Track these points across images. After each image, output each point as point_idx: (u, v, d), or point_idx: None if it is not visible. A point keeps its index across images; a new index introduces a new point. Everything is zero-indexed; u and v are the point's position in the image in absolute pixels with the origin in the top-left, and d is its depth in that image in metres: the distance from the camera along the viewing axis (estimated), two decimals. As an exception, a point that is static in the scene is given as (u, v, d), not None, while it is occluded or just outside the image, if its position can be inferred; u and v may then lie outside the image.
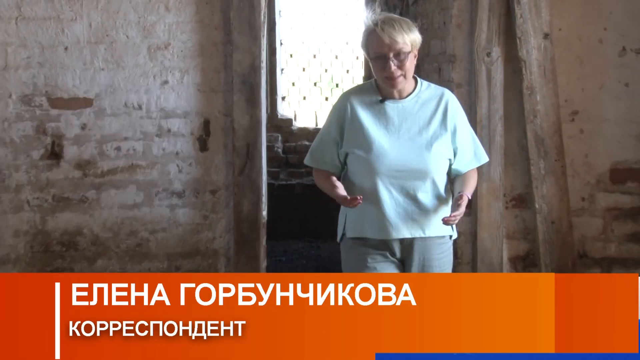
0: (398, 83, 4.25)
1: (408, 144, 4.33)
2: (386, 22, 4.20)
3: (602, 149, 5.84)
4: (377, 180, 4.37)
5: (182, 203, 5.84)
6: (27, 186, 5.74)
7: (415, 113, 4.35)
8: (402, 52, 4.16)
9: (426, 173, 4.34)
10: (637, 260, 5.89)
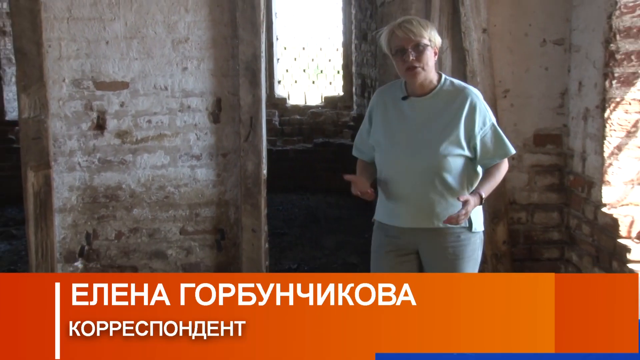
0: (417, 73, 3.91)
1: (422, 140, 3.98)
2: (405, 20, 3.92)
3: (528, 119, 5.92)
4: (391, 171, 4.09)
5: (200, 164, 5.93)
6: (78, 151, 5.82)
7: (434, 110, 4.00)
8: (420, 44, 3.85)
9: (437, 168, 3.96)
10: (554, 205, 5.97)
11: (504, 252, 5.94)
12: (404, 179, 4.04)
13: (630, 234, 5.01)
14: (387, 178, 4.11)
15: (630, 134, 5.20)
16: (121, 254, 5.94)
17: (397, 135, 4.07)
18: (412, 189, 4.04)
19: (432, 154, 3.96)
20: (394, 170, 4.08)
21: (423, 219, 4.05)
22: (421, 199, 4.03)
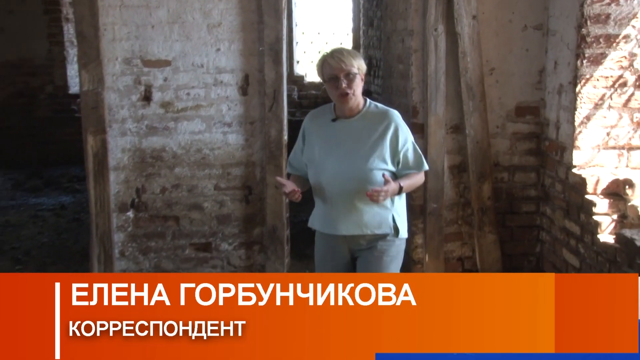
0: (349, 99, 3.87)
1: (349, 157, 3.92)
2: (336, 51, 3.89)
3: (510, 93, 5.89)
4: (324, 185, 4.00)
5: (231, 130, 5.93)
6: (128, 119, 5.84)
7: (360, 130, 3.94)
8: (350, 73, 3.81)
9: (363, 180, 3.88)
10: (531, 166, 5.98)
11: (488, 206, 5.94)
12: (337, 190, 3.98)
13: (596, 191, 5.02)
14: (321, 191, 4.05)
15: (598, 105, 5.19)
16: (165, 206, 5.97)
17: (329, 152, 3.99)
18: (343, 201, 3.98)
19: (360, 168, 3.91)
20: (327, 184, 4.00)
21: (354, 227, 4.00)
22: (351, 209, 3.97)
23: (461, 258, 6.16)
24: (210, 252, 6.08)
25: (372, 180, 3.89)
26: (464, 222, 6.10)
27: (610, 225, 4.86)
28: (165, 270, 6.03)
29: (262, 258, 6.09)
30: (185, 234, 6.03)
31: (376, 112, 4.00)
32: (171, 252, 6.04)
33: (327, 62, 3.88)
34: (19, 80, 11.23)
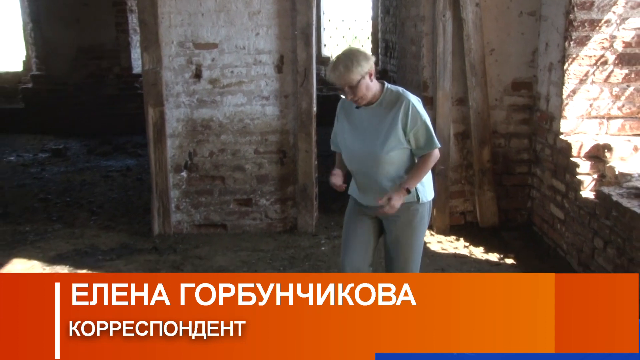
0: (360, 102, 3.64)
1: (369, 139, 3.70)
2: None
3: (507, 71, 5.85)
4: (351, 164, 3.84)
5: (268, 103, 5.92)
6: (182, 93, 5.86)
7: (378, 116, 3.69)
8: (351, 85, 3.54)
9: (382, 161, 3.68)
10: (525, 134, 5.95)
11: (487, 168, 5.93)
12: (361, 169, 3.80)
13: (579, 154, 5.01)
14: (351, 168, 3.88)
15: (582, 81, 5.17)
16: (213, 167, 6.02)
17: (354, 136, 3.78)
18: (367, 178, 3.81)
19: (379, 151, 3.66)
20: (354, 163, 3.83)
21: (375, 199, 3.71)
22: (373, 185, 3.77)
23: (464, 212, 6.17)
24: (250, 207, 6.13)
25: (390, 161, 3.68)
26: (467, 182, 6.10)
27: (591, 183, 4.85)
28: (213, 222, 6.10)
29: (294, 212, 6.13)
30: (229, 191, 6.08)
31: (391, 98, 3.70)
32: (218, 206, 6.10)
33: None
34: (91, 64, 11.30)
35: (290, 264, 5.28)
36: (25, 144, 10.58)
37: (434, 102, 5.90)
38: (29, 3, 11.46)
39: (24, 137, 11.01)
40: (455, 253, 5.55)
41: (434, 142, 3.68)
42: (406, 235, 3.80)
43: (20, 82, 12.19)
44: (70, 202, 7.24)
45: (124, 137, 10.75)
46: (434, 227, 6.04)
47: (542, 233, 5.68)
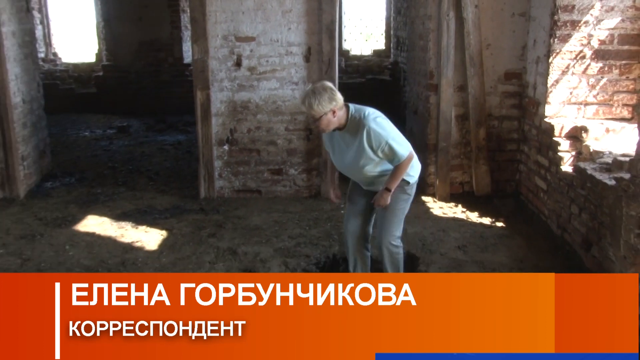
0: (324, 131, 3.63)
1: (346, 157, 3.73)
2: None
3: (501, 63, 5.79)
4: (339, 169, 3.94)
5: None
6: (225, 79, 5.87)
7: (347, 140, 3.66)
8: (314, 118, 3.55)
9: (360, 170, 3.73)
10: (515, 117, 5.90)
11: (483, 145, 5.91)
12: (350, 174, 3.90)
13: (561, 134, 4.98)
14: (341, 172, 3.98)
15: (564, 72, 5.11)
16: (250, 142, 6.06)
17: (336, 153, 3.83)
18: (356, 178, 3.92)
19: (357, 166, 3.72)
20: (342, 170, 3.91)
21: (371, 188, 3.89)
22: (363, 180, 3.87)
23: (462, 183, 6.17)
24: (281, 175, 6.17)
25: (368, 169, 3.73)
26: (465, 157, 6.09)
27: (570, 159, 4.82)
28: (250, 188, 6.16)
29: (318, 180, 6.17)
30: (264, 162, 6.13)
31: (354, 124, 3.62)
32: (254, 175, 6.16)
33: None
34: (150, 55, 11.39)
35: (315, 224, 5.33)
36: (97, 122, 10.71)
37: (438, 88, 5.88)
38: (101, 5, 11.59)
39: (96, 116, 11.14)
40: (454, 217, 5.56)
41: (400, 155, 3.63)
42: (391, 202, 3.78)
43: (93, 71, 12.34)
44: (132, 169, 7.35)
45: (176, 117, 10.82)
46: (436, 195, 6.06)
47: (528, 201, 5.67)
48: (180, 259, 4.52)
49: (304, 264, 4.52)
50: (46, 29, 12.74)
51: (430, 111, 6.03)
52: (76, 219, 5.42)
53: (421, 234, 4.99)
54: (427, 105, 6.07)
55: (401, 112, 10.14)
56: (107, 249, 4.72)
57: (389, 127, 3.68)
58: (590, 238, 4.26)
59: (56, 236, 4.98)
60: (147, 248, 4.76)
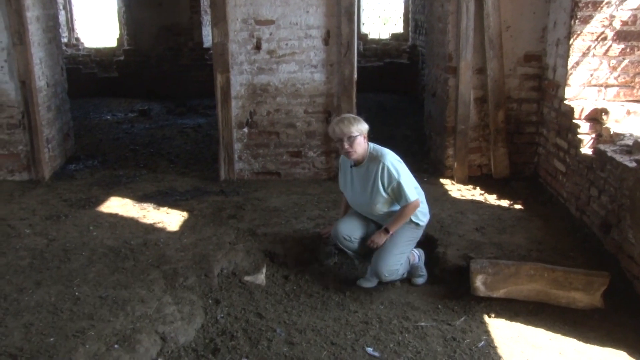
0: (351, 155, 3.88)
1: (361, 194, 4.00)
2: (340, 121, 3.86)
3: (521, 45, 5.71)
4: (352, 205, 4.20)
5: (316, 70, 5.88)
6: (245, 62, 5.85)
7: (364, 175, 3.95)
8: (351, 137, 3.80)
9: (372, 208, 3.98)
10: (534, 99, 5.82)
11: (501, 128, 5.86)
12: (361, 210, 4.13)
13: (580, 116, 4.91)
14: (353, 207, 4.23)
15: (585, 54, 5.03)
16: (269, 124, 6.06)
17: (351, 189, 4.09)
18: (366, 214, 4.13)
19: (368, 202, 3.98)
20: (355, 207, 4.17)
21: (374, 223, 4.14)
22: (371, 216, 4.11)
23: (480, 165, 6.12)
24: (300, 158, 6.16)
25: (379, 207, 3.97)
26: (483, 139, 6.03)
27: (590, 141, 4.77)
28: (269, 170, 6.16)
29: (337, 163, 6.11)
30: (283, 145, 6.12)
31: (372, 159, 3.91)
32: (273, 157, 6.16)
33: (334, 128, 3.87)
34: (170, 39, 11.41)
35: (334, 206, 5.32)
36: (118, 105, 10.78)
37: (457, 71, 5.81)
38: (122, -10, 11.66)
39: (117, 100, 11.21)
40: (472, 199, 5.52)
41: (407, 197, 3.87)
42: (396, 235, 3.97)
43: (115, 55, 12.39)
44: (154, 152, 7.39)
45: (196, 100, 10.86)
46: (454, 177, 6.02)
47: (546, 183, 5.61)
48: (201, 240, 4.54)
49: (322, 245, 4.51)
50: (69, 14, 12.81)
51: (449, 94, 5.97)
52: (99, 200, 5.47)
53: (439, 216, 4.96)
54: (446, 88, 6.01)
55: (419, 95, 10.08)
56: (129, 230, 4.76)
57: (403, 170, 3.93)
58: (609, 220, 4.20)
59: (80, 217, 5.03)
60: (169, 229, 4.79)
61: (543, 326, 3.57)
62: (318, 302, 3.95)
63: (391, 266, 3.94)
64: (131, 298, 3.65)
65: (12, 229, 4.76)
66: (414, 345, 3.40)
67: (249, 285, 4.11)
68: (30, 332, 3.26)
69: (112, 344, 3.17)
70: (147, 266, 4.10)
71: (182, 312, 3.56)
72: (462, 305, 3.83)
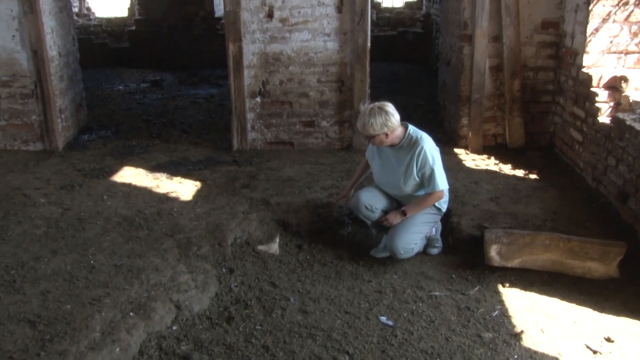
0: (380, 146, 3.93)
1: (393, 174, 3.97)
2: (360, 125, 3.79)
3: (538, 11, 5.58)
4: (378, 184, 4.14)
5: (329, 39, 5.79)
6: (257, 31, 5.77)
7: (399, 156, 3.92)
8: (370, 137, 3.79)
9: (402, 189, 3.96)
10: (551, 67, 5.72)
11: (517, 97, 5.77)
12: (387, 189, 4.11)
13: (599, 84, 4.82)
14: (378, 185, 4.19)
15: (605, 20, 4.91)
16: (282, 94, 6.00)
17: (381, 169, 4.07)
18: (391, 193, 4.11)
19: (399, 184, 3.96)
20: (382, 186, 4.14)
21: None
22: (395, 196, 4.11)
23: (495, 135, 6.05)
24: (313, 128, 6.12)
25: (408, 189, 3.95)
26: (498, 109, 5.95)
27: (608, 110, 4.68)
28: (282, 140, 6.13)
29: (350, 133, 6.11)
30: (296, 114, 6.07)
31: (410, 143, 3.87)
32: (286, 127, 6.12)
33: (358, 124, 3.86)
34: (182, 9, 11.31)
35: (347, 176, 5.28)
36: (130, 76, 10.74)
37: (472, 39, 5.70)
38: (132, -43, 11.51)
39: (129, 70, 11.18)
40: (487, 169, 5.46)
41: (436, 185, 3.84)
42: (417, 214, 3.95)
43: (126, 26, 12.33)
44: (166, 122, 7.38)
45: (208, 70, 10.81)
46: (469, 147, 5.96)
47: (562, 153, 5.53)
48: (214, 209, 4.54)
49: (336, 215, 4.50)
50: (79, -17, 12.72)
51: (464, 62, 5.87)
52: (113, 170, 5.47)
53: (454, 185, 4.91)
54: (461, 56, 5.91)
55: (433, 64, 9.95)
56: (143, 199, 4.77)
57: (438, 158, 3.90)
58: (627, 190, 4.14)
59: (94, 187, 5.04)
60: (182, 198, 4.79)
61: (558, 296, 3.56)
62: (332, 271, 3.95)
63: (407, 244, 3.92)
64: (145, 267, 3.67)
65: (27, 198, 4.78)
66: (428, 314, 3.40)
67: (262, 254, 4.12)
68: (47, 299, 3.29)
69: (127, 312, 3.19)
70: (161, 235, 4.11)
71: (196, 281, 3.58)
72: (476, 275, 3.82)
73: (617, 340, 3.13)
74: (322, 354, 3.01)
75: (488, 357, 3.00)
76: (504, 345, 3.10)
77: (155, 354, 3.00)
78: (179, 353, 3.02)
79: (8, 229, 4.19)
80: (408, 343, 3.12)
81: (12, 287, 3.42)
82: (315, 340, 3.14)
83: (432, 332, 3.23)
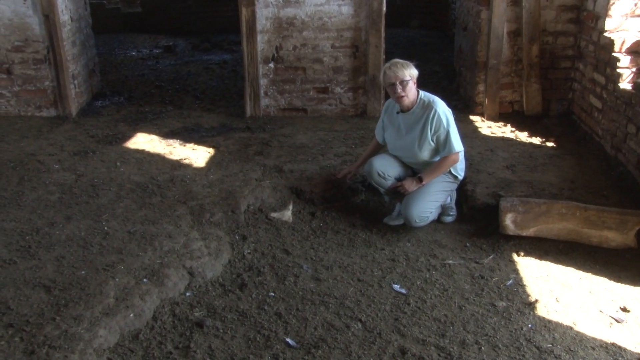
0: (403, 101, 3.83)
1: (407, 140, 3.94)
2: (392, 64, 3.78)
3: (559, -27, 5.46)
4: (393, 152, 4.11)
5: (344, 3, 5.67)
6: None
7: (412, 121, 3.89)
8: (404, 80, 3.75)
9: (416, 155, 3.93)
10: (571, 32, 5.58)
11: (535, 62, 5.65)
12: (402, 157, 4.08)
13: (621, 49, 4.69)
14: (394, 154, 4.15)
15: (629, -17, 4.74)
16: (296, 59, 5.92)
17: (395, 136, 4.04)
18: (406, 160, 4.08)
19: (412, 149, 3.93)
20: (397, 153, 4.10)
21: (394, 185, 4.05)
22: (410, 163, 4.09)
23: (512, 102, 5.94)
24: (327, 94, 6.05)
25: (423, 155, 3.92)
26: (516, 75, 5.83)
27: (630, 76, 4.56)
28: (295, 106, 6.07)
29: (364, 99, 6.03)
30: (309, 80, 6.00)
31: (423, 106, 3.87)
32: (299, 93, 6.05)
33: (386, 72, 3.81)
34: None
35: (361, 143, 5.24)
36: (143, 42, 10.65)
37: (490, 3, 5.56)
38: None
39: (141, 36, 11.09)
40: (503, 137, 5.38)
41: (452, 147, 3.83)
42: (433, 182, 3.93)
43: (137, -11, 12.19)
44: (179, 88, 7.33)
45: (221, 36, 10.70)
46: (484, 114, 5.87)
47: (580, 121, 5.43)
48: (227, 176, 4.52)
49: (349, 182, 4.47)
50: (91, -53, 12.55)
51: (481, 27, 5.74)
52: (126, 136, 5.46)
53: (469, 153, 4.85)
54: (478, 20, 5.77)
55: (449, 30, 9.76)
56: (156, 166, 4.76)
57: (452, 120, 3.88)
58: (646, 158, 4.06)
59: (107, 153, 5.04)
60: (195, 165, 4.78)
61: (573, 265, 3.52)
62: (345, 239, 3.93)
63: (422, 212, 3.88)
64: (159, 233, 3.67)
65: (41, 164, 4.79)
66: (441, 282, 3.38)
67: (275, 221, 4.11)
68: (62, 265, 3.31)
69: (141, 278, 3.20)
70: (174, 202, 4.11)
71: (209, 248, 3.58)
72: (491, 243, 3.79)
73: (633, 309, 3.10)
74: (334, 322, 3.02)
75: (502, 326, 2.98)
76: (517, 314, 3.08)
77: (169, 320, 3.02)
78: (192, 319, 3.03)
79: (23, 195, 4.21)
80: (421, 311, 3.11)
81: (27, 253, 3.45)
82: (327, 307, 3.14)
83: (446, 300, 3.21)
